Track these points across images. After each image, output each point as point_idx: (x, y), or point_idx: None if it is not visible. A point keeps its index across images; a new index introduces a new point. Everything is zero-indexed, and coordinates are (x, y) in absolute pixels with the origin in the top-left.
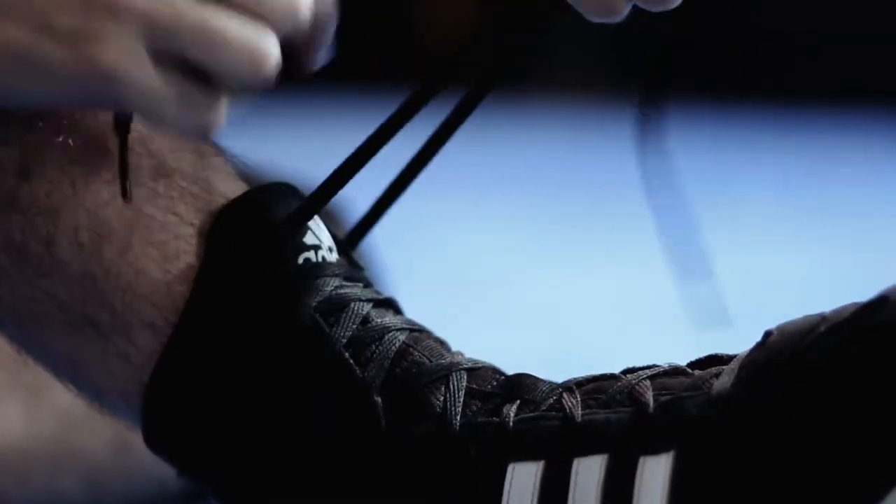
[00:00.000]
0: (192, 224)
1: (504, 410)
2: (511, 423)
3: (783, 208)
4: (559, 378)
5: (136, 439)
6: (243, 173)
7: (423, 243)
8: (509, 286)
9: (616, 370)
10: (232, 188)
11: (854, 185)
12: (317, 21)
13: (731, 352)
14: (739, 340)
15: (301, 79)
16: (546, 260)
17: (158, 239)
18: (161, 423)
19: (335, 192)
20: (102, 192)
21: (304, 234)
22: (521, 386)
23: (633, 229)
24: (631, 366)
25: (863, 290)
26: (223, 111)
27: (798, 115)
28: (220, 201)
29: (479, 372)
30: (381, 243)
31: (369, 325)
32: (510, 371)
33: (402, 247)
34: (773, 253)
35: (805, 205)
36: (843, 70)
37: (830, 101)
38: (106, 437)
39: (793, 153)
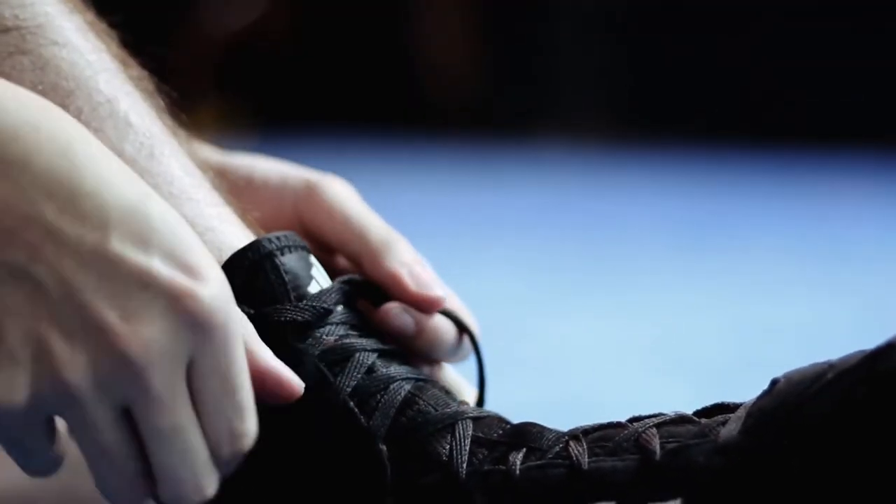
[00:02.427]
0: None
1: (510, 458)
2: (518, 471)
3: (783, 255)
4: (565, 427)
5: None
6: (250, 222)
7: None
8: (514, 334)
9: (622, 418)
10: (239, 237)
11: (854, 231)
12: None
13: (735, 400)
14: (743, 388)
15: None
16: (550, 307)
17: None
18: None
19: None
20: None
21: (308, 283)
22: (527, 434)
23: (637, 276)
24: (637, 414)
25: (865, 337)
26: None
27: (797, 161)
28: (227, 250)
29: (485, 420)
30: None
31: (374, 374)
32: (516, 420)
33: None
34: (774, 300)
35: (806, 251)
36: (843, 114)
37: (830, 147)
38: None
39: (792, 199)
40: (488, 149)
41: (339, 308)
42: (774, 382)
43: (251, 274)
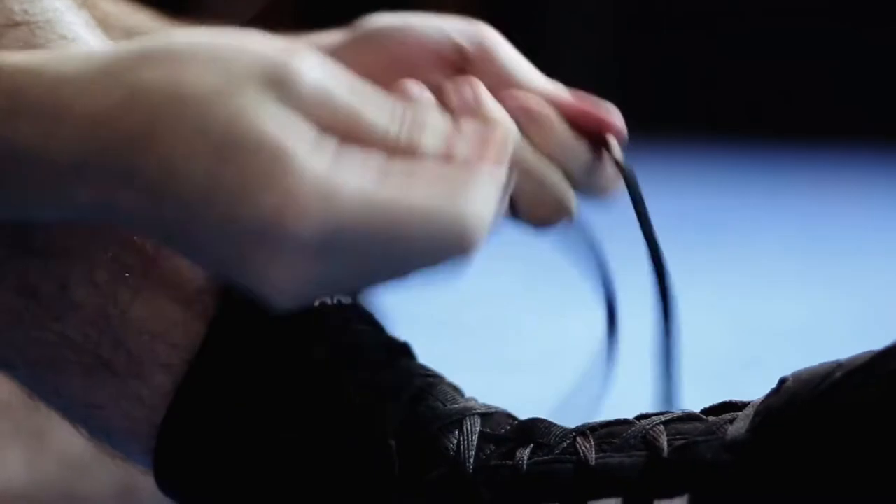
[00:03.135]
0: None
1: (518, 454)
2: (525, 467)
3: (787, 252)
4: (569, 424)
5: (141, 485)
6: None
7: (426, 289)
8: (515, 331)
9: (628, 416)
10: None
11: (859, 229)
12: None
13: (739, 397)
14: (747, 386)
15: None
16: (551, 305)
17: (175, 280)
18: (174, 463)
19: None
20: (119, 232)
21: None
22: (534, 430)
23: (640, 274)
24: (643, 412)
25: (870, 335)
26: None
27: (801, 159)
28: None
29: (493, 416)
30: (384, 290)
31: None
32: (521, 417)
33: (406, 293)
34: (778, 298)
35: (809, 248)
36: (847, 111)
37: (835, 145)
38: (110, 484)
39: (796, 197)
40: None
41: (350, 302)
42: (783, 381)
43: None
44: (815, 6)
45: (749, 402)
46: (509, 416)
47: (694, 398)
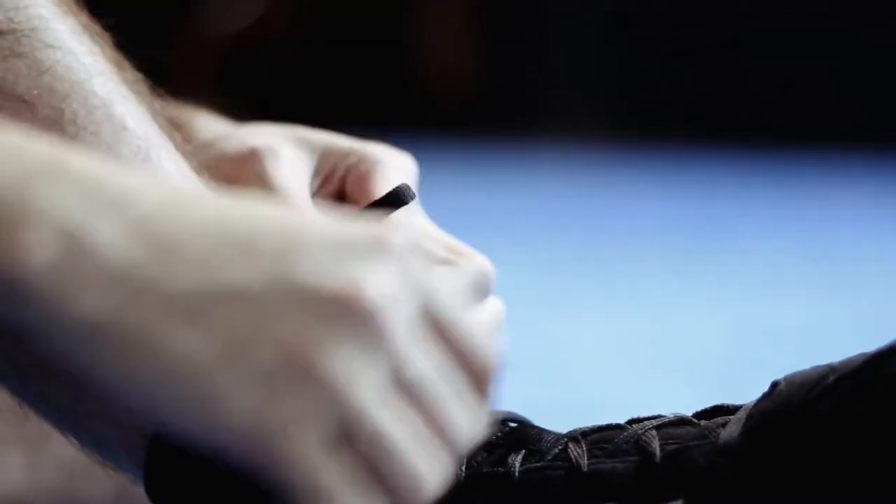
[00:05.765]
0: None
1: (509, 460)
2: (517, 473)
3: (783, 256)
4: (564, 428)
5: (138, 490)
6: None
7: None
8: (512, 334)
9: (621, 420)
10: None
11: (854, 232)
12: None
13: (736, 401)
14: (744, 389)
15: None
16: (549, 308)
17: None
18: (163, 473)
19: None
20: None
21: None
22: (525, 436)
23: (637, 277)
24: (636, 416)
25: (865, 339)
26: None
27: (798, 163)
28: None
29: None
30: None
31: None
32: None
33: None
34: (774, 302)
35: (808, 249)
36: (847, 111)
37: (830, 148)
38: (108, 488)
39: (791, 201)
40: (489, 149)
41: None
42: (775, 385)
43: None
44: (815, 6)
45: (741, 406)
46: (499, 421)
47: (695, 400)
